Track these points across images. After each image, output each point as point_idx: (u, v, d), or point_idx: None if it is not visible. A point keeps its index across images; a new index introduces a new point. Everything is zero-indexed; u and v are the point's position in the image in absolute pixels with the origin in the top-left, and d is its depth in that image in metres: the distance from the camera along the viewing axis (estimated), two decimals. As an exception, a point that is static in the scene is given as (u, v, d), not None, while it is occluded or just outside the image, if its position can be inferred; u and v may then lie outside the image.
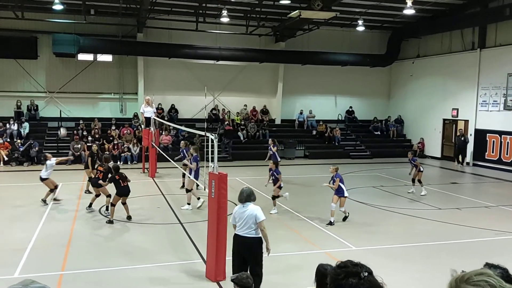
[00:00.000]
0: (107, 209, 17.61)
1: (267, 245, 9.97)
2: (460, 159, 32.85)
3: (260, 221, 9.86)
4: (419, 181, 22.11)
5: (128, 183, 16.84)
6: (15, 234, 14.96)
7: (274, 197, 18.15)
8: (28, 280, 2.60)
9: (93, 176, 19.82)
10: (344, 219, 16.96)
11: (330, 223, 16.62)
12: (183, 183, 22.05)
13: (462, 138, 32.26)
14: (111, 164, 18.33)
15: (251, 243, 9.83)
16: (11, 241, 14.16)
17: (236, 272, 9.67)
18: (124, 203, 16.87)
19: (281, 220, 17.39)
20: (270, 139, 25.85)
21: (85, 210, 18.03)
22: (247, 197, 9.95)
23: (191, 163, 18.73)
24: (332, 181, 16.83)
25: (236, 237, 9.86)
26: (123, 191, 16.68)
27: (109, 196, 17.48)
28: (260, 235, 9.87)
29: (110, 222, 16.45)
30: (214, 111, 36.16)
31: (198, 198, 18.72)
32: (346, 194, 16.72)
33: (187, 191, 18.88)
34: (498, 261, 3.81)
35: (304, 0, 28.71)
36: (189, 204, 18.68)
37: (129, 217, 16.83)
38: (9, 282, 2.70)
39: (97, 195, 18.08)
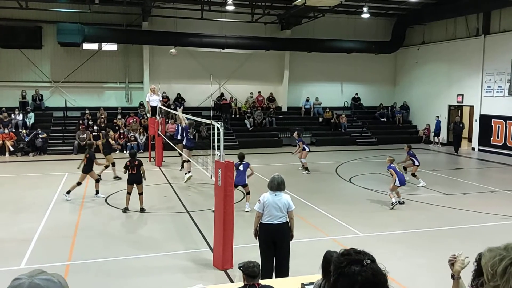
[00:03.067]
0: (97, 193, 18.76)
1: (292, 232, 10.04)
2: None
3: (292, 210, 9.98)
4: (414, 175, 21.65)
5: (141, 172, 16.71)
6: (21, 224, 15.01)
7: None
8: (36, 271, 2.61)
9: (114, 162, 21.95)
10: (393, 205, 17.31)
11: (392, 204, 17.32)
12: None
13: (461, 125, 32.31)
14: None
15: (284, 229, 9.89)
16: (17, 232, 14.21)
17: (267, 263, 9.73)
18: (140, 193, 16.67)
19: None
20: (296, 132, 26.57)
21: (92, 199, 18.20)
22: (278, 185, 9.93)
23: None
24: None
25: (269, 226, 9.76)
26: (129, 179, 16.66)
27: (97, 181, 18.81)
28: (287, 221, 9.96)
29: (125, 210, 16.49)
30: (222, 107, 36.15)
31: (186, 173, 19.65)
32: (397, 183, 17.28)
33: (185, 161, 19.94)
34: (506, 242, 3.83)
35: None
36: (189, 172, 19.49)
37: (141, 209, 16.65)
38: (15, 273, 2.72)
39: (79, 183, 18.42)
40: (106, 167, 21.53)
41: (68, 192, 18.11)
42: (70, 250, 12.60)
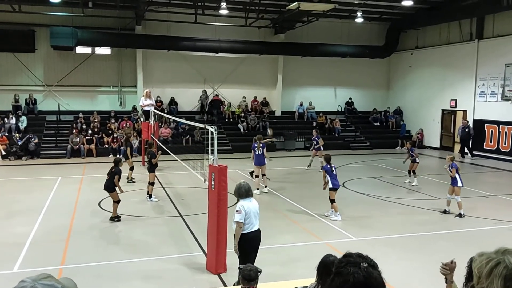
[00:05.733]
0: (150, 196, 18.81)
1: None
2: (465, 151, 32.53)
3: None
4: (413, 172, 22.38)
5: (114, 182, 15.93)
6: (14, 228, 14.96)
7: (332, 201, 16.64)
8: (43, 275, 2.58)
9: (133, 166, 22.37)
10: (459, 215, 16.73)
11: (445, 212, 17.17)
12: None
13: (467, 130, 31.79)
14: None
15: (261, 234, 9.97)
16: (10, 236, 14.16)
17: None
18: (115, 201, 15.99)
19: (281, 211, 17.43)
20: (314, 130, 27.18)
21: (86, 203, 18.13)
22: (247, 192, 9.86)
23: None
24: (449, 170, 17.13)
25: (252, 234, 9.74)
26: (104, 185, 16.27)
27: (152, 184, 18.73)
28: None
29: (113, 219, 15.96)
30: (213, 103, 36.18)
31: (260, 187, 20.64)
32: (459, 184, 16.77)
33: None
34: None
35: (303, -9, 28.69)
36: (264, 186, 20.68)
37: (111, 218, 15.98)
38: (8, 277, 2.71)
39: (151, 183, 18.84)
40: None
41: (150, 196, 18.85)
42: (63, 254, 12.56)
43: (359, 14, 32.44)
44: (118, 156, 26.15)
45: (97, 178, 21.81)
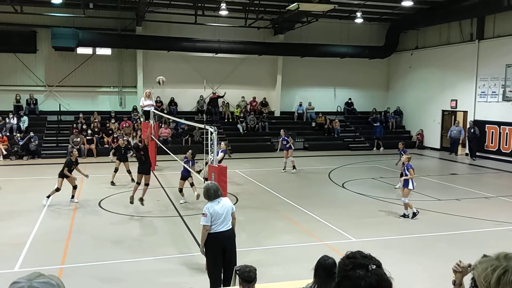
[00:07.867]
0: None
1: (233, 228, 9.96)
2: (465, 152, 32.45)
3: (234, 210, 9.89)
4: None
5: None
6: (15, 228, 15.00)
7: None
8: (35, 273, 2.60)
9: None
10: (413, 215, 16.59)
11: (404, 216, 16.74)
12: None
13: (472, 130, 31.56)
14: None
15: (233, 235, 9.82)
16: (11, 236, 14.21)
17: (217, 273, 9.66)
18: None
19: (280, 212, 17.42)
20: (282, 130, 26.55)
21: (86, 203, 18.16)
22: (215, 192, 9.72)
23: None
24: (404, 171, 17.08)
25: (219, 234, 9.53)
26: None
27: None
28: None
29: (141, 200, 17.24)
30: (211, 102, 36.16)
31: None
32: (410, 186, 16.39)
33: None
34: (497, 252, 3.84)
35: (302, -8, 28.69)
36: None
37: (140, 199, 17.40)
38: (9, 276, 2.72)
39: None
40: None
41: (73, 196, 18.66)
42: (63, 254, 12.59)
43: (358, 14, 32.47)
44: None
45: (97, 178, 21.85)
